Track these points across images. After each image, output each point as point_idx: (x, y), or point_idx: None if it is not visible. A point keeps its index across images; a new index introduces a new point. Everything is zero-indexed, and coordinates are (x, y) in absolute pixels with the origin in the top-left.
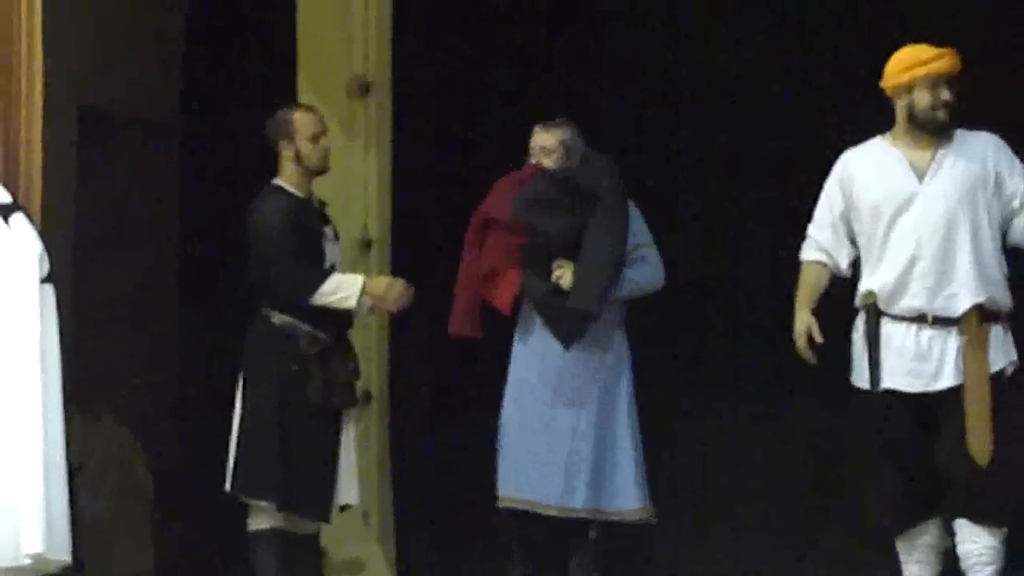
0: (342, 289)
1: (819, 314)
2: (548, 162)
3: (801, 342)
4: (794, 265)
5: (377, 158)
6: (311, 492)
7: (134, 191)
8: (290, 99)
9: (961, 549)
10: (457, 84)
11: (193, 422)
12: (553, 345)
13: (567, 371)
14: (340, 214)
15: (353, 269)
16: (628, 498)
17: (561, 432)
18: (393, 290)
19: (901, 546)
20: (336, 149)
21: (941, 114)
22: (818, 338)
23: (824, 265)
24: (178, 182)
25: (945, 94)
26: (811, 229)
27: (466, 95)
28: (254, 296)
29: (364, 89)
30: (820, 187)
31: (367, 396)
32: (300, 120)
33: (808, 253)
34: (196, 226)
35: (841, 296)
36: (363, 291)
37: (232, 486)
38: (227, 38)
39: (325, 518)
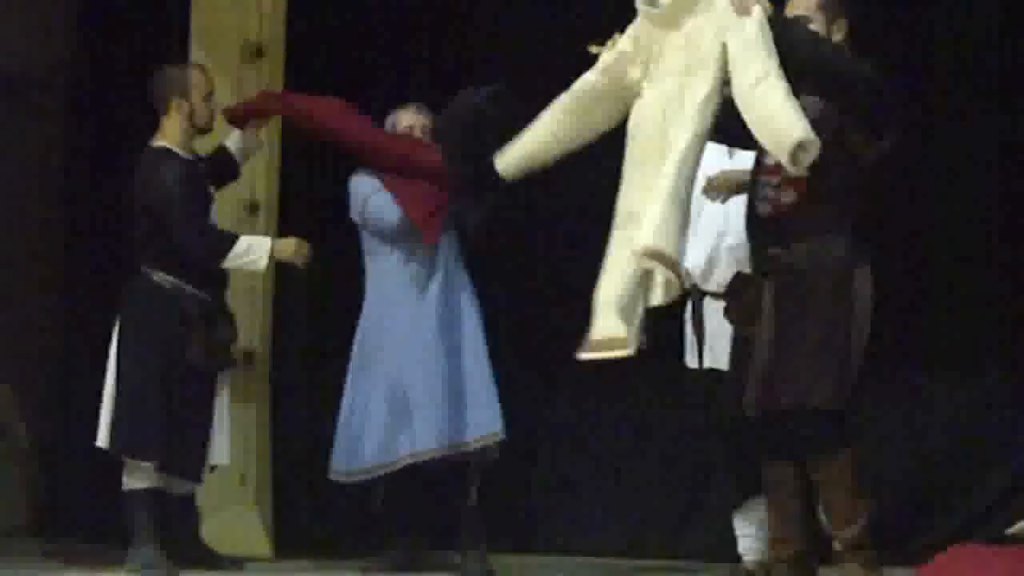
0: (252, 251)
1: None
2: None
3: None
4: None
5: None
6: (188, 452)
7: (19, 149)
8: (182, 61)
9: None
10: (349, 51)
11: (75, 380)
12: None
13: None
14: None
15: (239, 231)
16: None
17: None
18: (300, 253)
19: (739, 523)
20: None
21: None
22: None
23: None
24: (63, 141)
25: None
26: None
27: (358, 62)
28: (136, 254)
29: (257, 53)
30: None
31: (248, 357)
32: (195, 77)
33: None
34: (81, 186)
35: None
36: (271, 253)
37: (110, 443)
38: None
39: (198, 478)
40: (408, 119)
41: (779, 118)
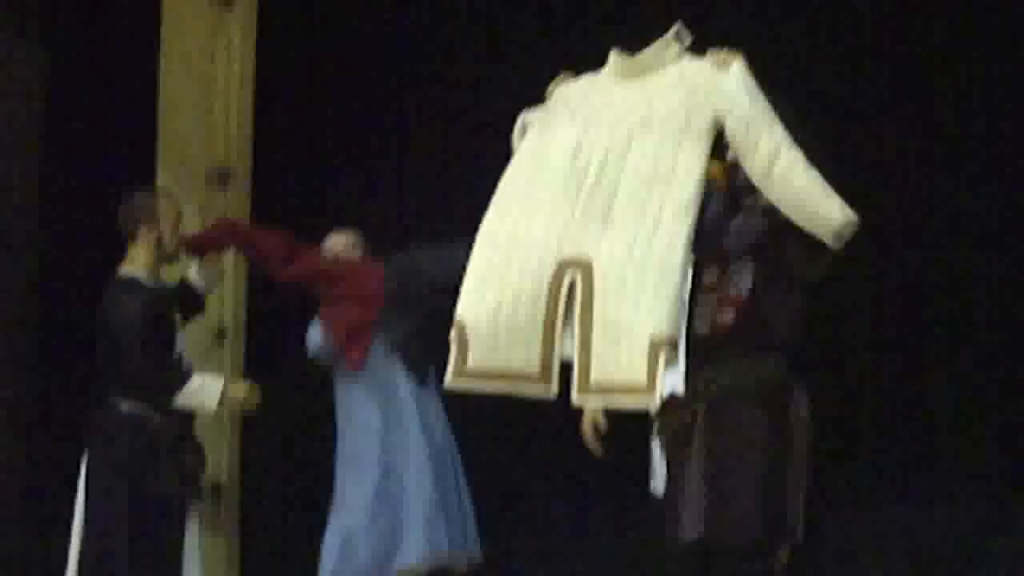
0: (204, 392)
1: None
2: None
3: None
4: None
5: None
6: None
7: None
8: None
9: None
10: (315, 175)
11: (40, 509)
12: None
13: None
14: None
15: (206, 359)
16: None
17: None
18: (250, 399)
19: None
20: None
21: None
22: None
23: None
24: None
25: None
26: None
27: (324, 187)
28: (103, 384)
29: (223, 178)
30: None
31: (216, 488)
32: (164, 204)
33: None
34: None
35: None
36: (223, 397)
37: None
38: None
39: None
40: (339, 243)
41: (810, 203)
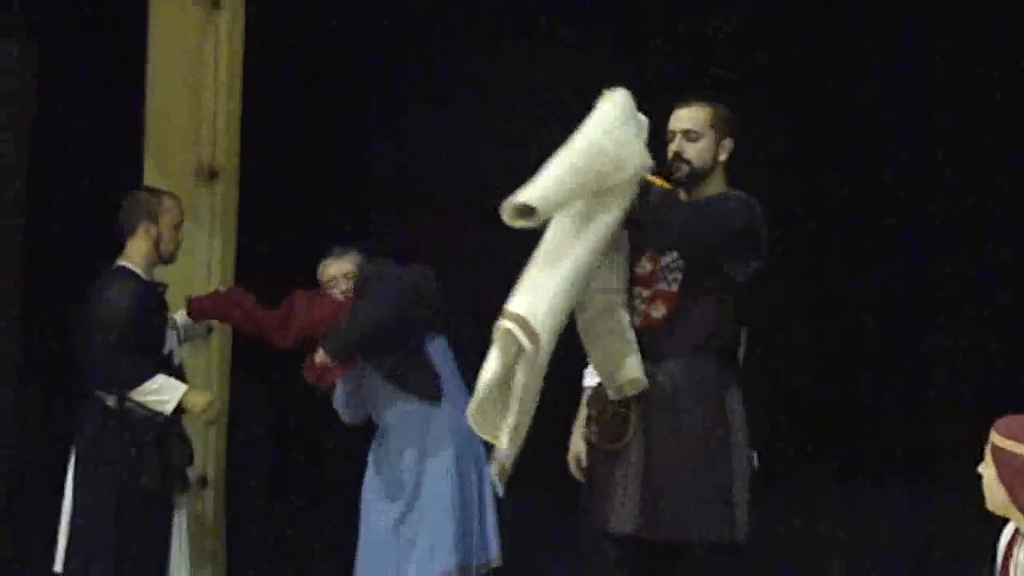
0: (163, 392)
1: None
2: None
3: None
4: None
5: (221, 246)
6: None
7: None
8: (138, 184)
9: None
10: (303, 173)
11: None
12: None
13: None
14: (182, 301)
15: (192, 356)
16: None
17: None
18: (208, 412)
19: None
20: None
21: None
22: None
23: None
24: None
25: None
26: None
27: (312, 185)
28: (90, 380)
29: (211, 176)
30: None
31: (203, 481)
32: (167, 204)
33: None
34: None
35: None
36: (182, 401)
37: (64, 570)
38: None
39: None
40: (331, 270)
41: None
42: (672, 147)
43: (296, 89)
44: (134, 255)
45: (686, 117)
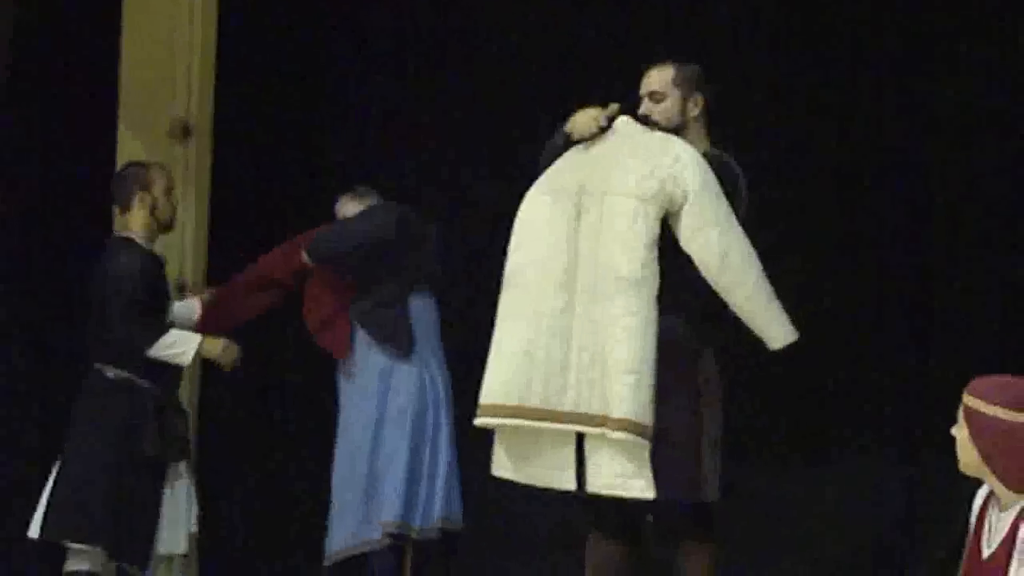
0: (179, 345)
1: None
2: None
3: None
4: None
5: (196, 203)
6: (134, 539)
7: None
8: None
9: None
10: (277, 128)
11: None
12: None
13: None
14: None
15: None
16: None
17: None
18: (227, 354)
19: None
20: None
21: None
22: None
23: None
24: None
25: None
26: None
27: (285, 140)
28: (90, 350)
29: (185, 131)
30: None
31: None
32: (156, 172)
33: None
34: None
35: None
36: (199, 349)
37: (47, 530)
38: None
39: (144, 564)
40: (348, 208)
41: None
42: (641, 110)
43: (271, 46)
44: (134, 225)
45: (650, 80)
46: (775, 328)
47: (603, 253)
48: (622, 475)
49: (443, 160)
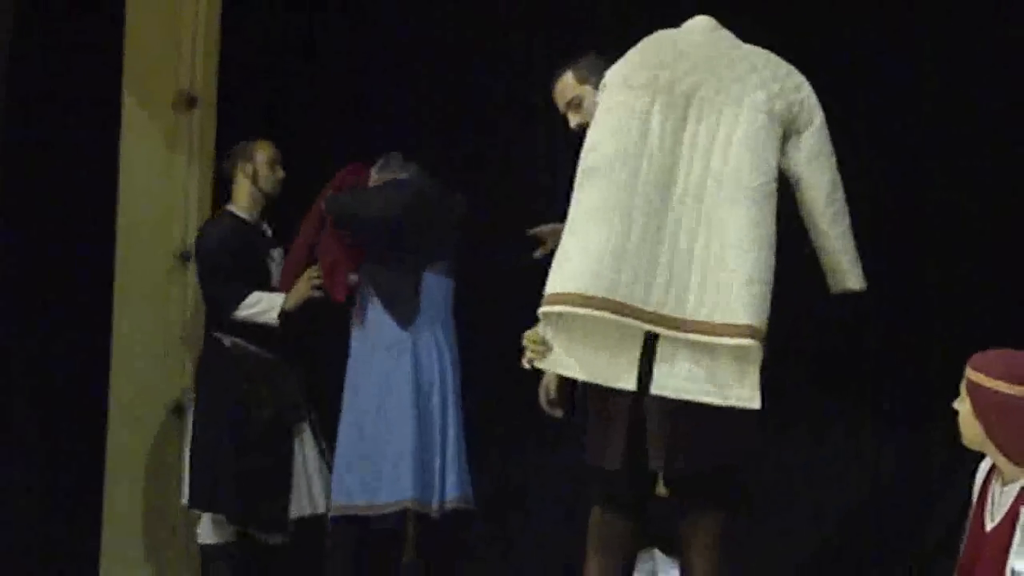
0: (264, 303)
1: None
2: None
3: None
4: None
5: (199, 174)
6: (266, 506)
7: None
8: (116, 111)
9: None
10: (281, 100)
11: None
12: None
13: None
14: (158, 227)
15: (169, 283)
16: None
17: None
18: (307, 285)
19: None
20: (158, 162)
21: None
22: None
23: None
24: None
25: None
26: None
27: (290, 112)
28: (208, 319)
29: (189, 103)
30: None
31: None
32: (258, 144)
33: None
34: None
35: None
36: (284, 306)
37: (190, 502)
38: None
39: (281, 530)
40: (380, 176)
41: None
42: (572, 125)
43: (275, 17)
44: (238, 198)
45: (559, 95)
46: (858, 268)
47: (723, 161)
48: (707, 380)
49: (450, 128)
